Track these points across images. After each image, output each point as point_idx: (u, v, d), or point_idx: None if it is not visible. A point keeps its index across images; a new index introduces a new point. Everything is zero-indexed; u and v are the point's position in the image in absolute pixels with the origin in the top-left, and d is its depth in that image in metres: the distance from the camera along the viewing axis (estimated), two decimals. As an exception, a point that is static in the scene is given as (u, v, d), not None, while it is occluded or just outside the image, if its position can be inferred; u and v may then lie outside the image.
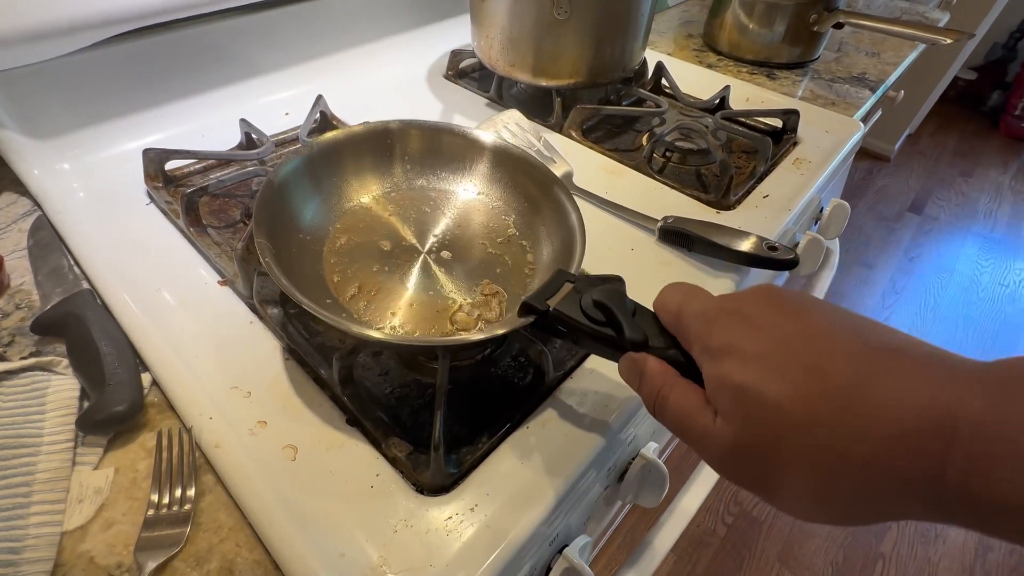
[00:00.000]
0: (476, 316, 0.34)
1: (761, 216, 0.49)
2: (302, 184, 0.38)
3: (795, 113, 0.58)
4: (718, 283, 0.43)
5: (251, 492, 0.28)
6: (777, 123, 0.61)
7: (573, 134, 0.58)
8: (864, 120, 0.71)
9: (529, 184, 0.42)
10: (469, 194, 0.44)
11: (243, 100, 0.57)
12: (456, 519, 0.28)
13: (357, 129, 0.41)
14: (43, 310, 0.37)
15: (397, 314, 0.35)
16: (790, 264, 0.39)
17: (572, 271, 0.33)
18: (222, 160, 0.50)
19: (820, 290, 0.61)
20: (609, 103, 0.64)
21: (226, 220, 0.45)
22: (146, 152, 0.47)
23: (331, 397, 0.33)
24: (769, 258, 0.39)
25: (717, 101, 0.63)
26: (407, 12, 0.68)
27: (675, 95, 0.65)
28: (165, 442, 0.30)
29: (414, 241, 0.39)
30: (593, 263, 0.43)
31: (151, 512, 0.28)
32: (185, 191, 0.43)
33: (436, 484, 0.29)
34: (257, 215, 0.33)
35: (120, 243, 0.42)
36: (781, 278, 0.72)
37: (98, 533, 0.28)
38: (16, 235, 0.45)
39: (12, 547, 0.25)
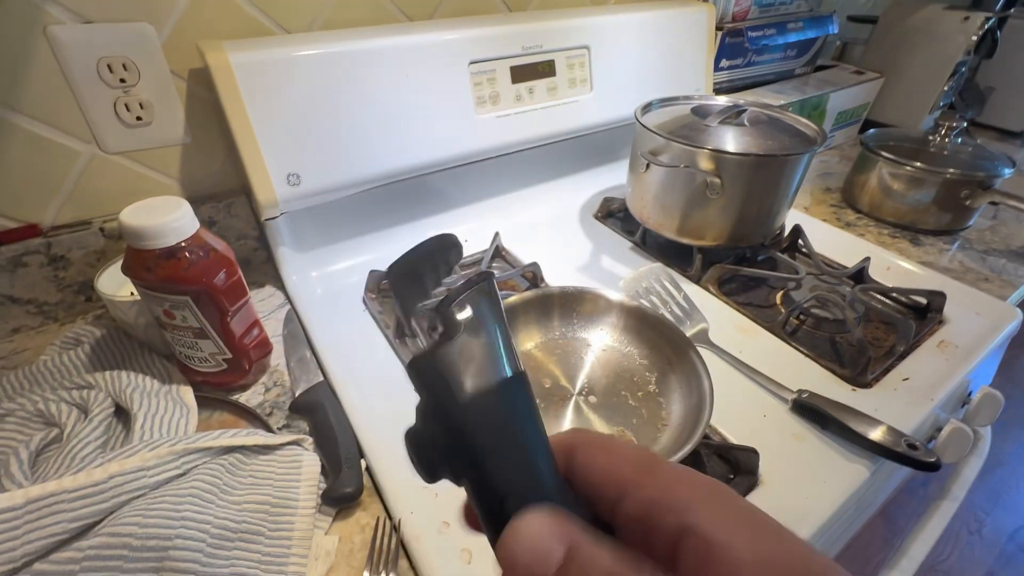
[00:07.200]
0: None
1: (900, 401, 0.50)
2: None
3: (941, 296, 0.60)
4: (851, 468, 0.44)
5: (439, 585, 0.36)
6: (921, 300, 0.62)
7: (710, 288, 0.64)
8: None
9: (666, 346, 0.49)
10: (616, 349, 0.51)
11: (443, 227, 0.72)
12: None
13: (528, 295, 0.52)
14: (295, 395, 0.50)
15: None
16: (931, 467, 0.41)
17: (698, 433, 0.38)
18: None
19: (966, 479, 0.58)
20: (744, 259, 0.70)
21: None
22: (371, 272, 0.61)
23: (497, 511, 0.41)
24: (908, 457, 0.41)
25: (856, 272, 0.66)
26: (567, 161, 0.82)
27: (811, 258, 0.69)
28: (380, 529, 0.39)
29: (567, 384, 0.48)
30: (725, 422, 0.47)
31: (364, 582, 0.37)
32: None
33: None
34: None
35: (345, 341, 0.56)
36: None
37: (326, 589, 0.37)
38: (273, 323, 0.61)
39: (278, 588, 0.35)
